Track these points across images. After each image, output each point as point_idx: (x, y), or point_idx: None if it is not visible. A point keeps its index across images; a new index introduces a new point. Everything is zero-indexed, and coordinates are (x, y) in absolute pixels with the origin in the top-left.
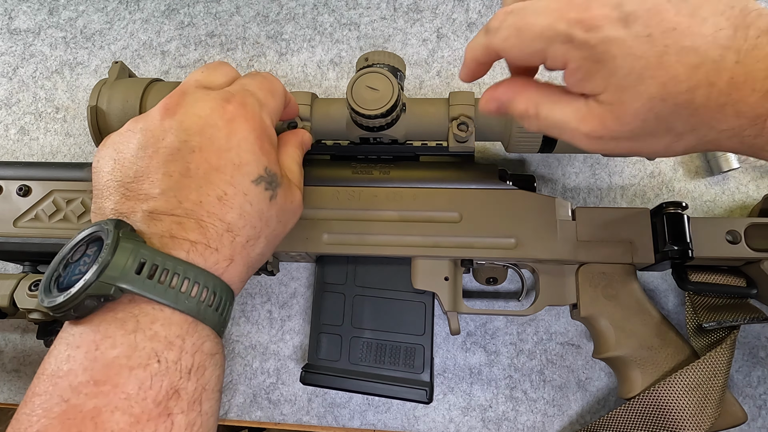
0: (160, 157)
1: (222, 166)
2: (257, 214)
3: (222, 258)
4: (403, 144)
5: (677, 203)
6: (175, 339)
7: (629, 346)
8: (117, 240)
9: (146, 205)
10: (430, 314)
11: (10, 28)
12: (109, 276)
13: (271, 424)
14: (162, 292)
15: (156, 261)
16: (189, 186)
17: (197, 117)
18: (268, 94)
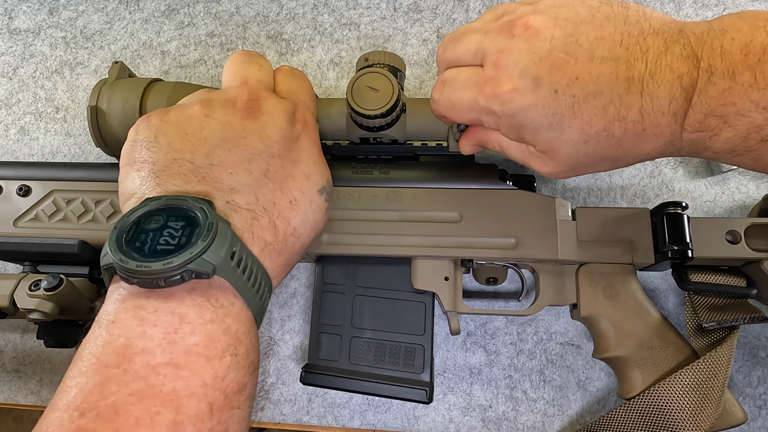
0: (241, 153)
1: (295, 174)
2: (315, 223)
3: (281, 262)
4: (403, 144)
5: (677, 203)
6: (243, 336)
7: (629, 346)
8: (217, 224)
9: (225, 194)
10: (430, 314)
11: (10, 28)
12: (213, 258)
13: (271, 424)
14: (242, 285)
15: (243, 253)
16: (267, 186)
17: (277, 127)
18: (312, 102)
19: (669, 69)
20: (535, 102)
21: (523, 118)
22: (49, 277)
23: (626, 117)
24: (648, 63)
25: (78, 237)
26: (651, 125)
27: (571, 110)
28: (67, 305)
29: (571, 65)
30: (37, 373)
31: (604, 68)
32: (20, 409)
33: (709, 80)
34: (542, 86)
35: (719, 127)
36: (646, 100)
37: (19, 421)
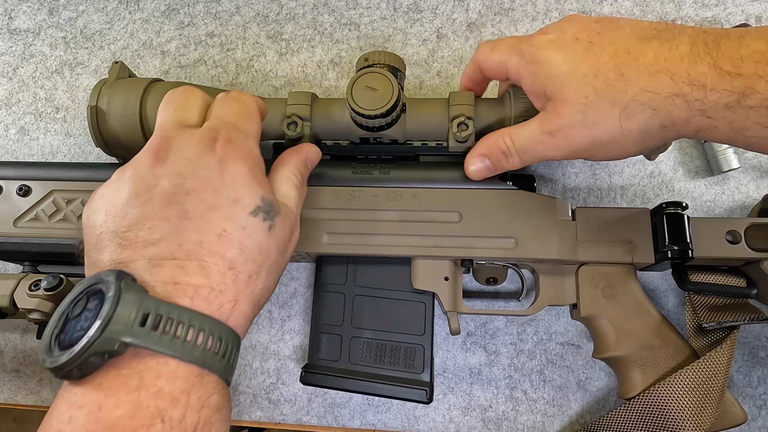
0: (155, 203)
1: (218, 203)
2: (257, 247)
3: (226, 300)
4: (403, 144)
5: (677, 203)
6: (181, 394)
7: (629, 346)
8: (119, 292)
9: (146, 252)
10: (430, 314)
11: (10, 28)
12: (113, 330)
13: (271, 424)
14: (167, 343)
15: (160, 311)
16: (188, 228)
17: (188, 160)
18: (246, 119)
19: (693, 30)
20: (556, 41)
21: (543, 54)
22: (49, 277)
23: (638, 58)
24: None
25: (78, 237)
26: (666, 67)
27: (585, 50)
28: None
29: (597, 28)
30: (37, 373)
31: (626, 31)
32: (20, 409)
33: (741, 42)
34: (566, 34)
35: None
36: (662, 47)
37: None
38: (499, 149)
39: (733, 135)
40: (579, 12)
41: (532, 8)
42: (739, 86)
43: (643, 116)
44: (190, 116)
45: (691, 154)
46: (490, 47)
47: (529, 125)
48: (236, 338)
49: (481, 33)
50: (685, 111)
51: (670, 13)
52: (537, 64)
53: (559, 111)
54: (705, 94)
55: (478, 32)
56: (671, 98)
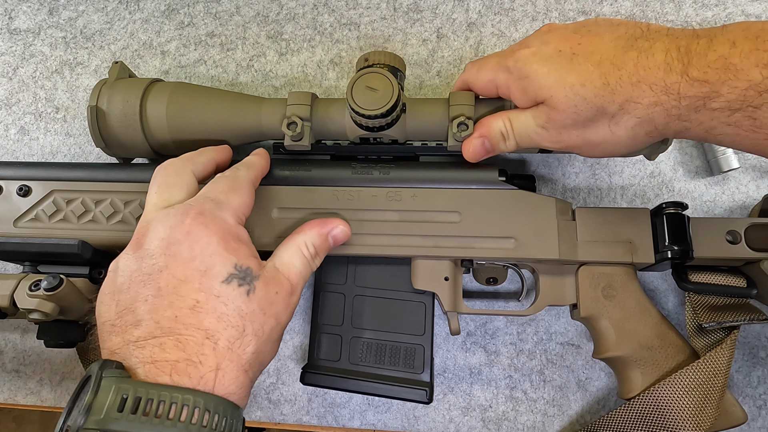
0: (135, 286)
1: (189, 276)
2: (236, 312)
3: (207, 370)
4: (403, 144)
5: (677, 203)
6: None
7: (629, 347)
8: (99, 380)
9: (131, 336)
10: (430, 314)
11: (10, 28)
12: (95, 420)
13: (271, 424)
14: (147, 425)
15: (138, 392)
16: (162, 305)
17: (159, 239)
18: (229, 192)
19: (668, 37)
20: (540, 53)
21: (529, 69)
22: (49, 277)
23: (621, 68)
24: (648, 38)
25: (78, 237)
26: (645, 76)
27: (570, 61)
28: (67, 305)
29: (577, 38)
30: (37, 373)
31: (606, 39)
32: (20, 409)
33: (710, 46)
34: (549, 46)
35: (719, 81)
36: (641, 57)
37: (19, 422)
38: (498, 131)
39: (704, 134)
40: (579, 12)
41: (532, 8)
42: (705, 91)
43: (629, 123)
44: (173, 196)
45: (691, 154)
46: (476, 68)
47: (525, 114)
48: (228, 406)
49: (481, 33)
50: (665, 117)
51: (670, 13)
52: (525, 79)
53: (551, 114)
54: (679, 101)
55: (478, 32)
56: (652, 106)
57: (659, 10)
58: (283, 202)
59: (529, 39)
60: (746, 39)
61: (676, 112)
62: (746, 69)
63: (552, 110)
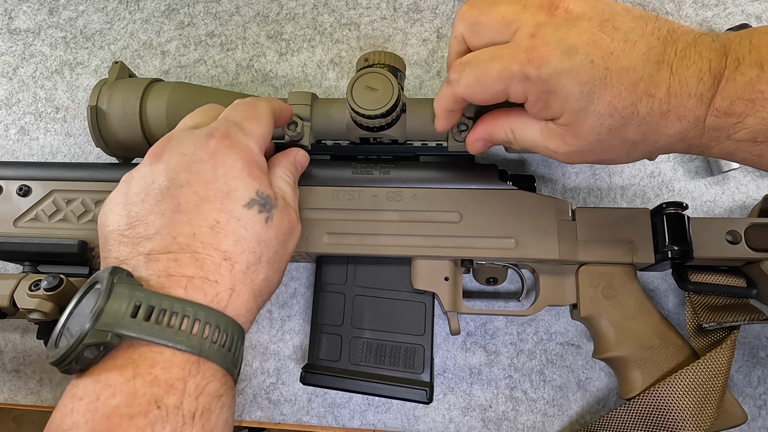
0: (151, 199)
1: (211, 196)
2: (254, 238)
3: (222, 289)
4: (403, 144)
5: (677, 203)
6: (176, 382)
7: (629, 347)
8: (111, 286)
9: (143, 248)
10: (430, 314)
11: (10, 28)
12: (105, 323)
13: (271, 424)
14: (159, 333)
15: (152, 302)
16: (181, 221)
17: (182, 155)
18: (252, 121)
19: (698, 55)
20: (571, 68)
21: (556, 84)
22: (49, 277)
23: (654, 95)
24: (677, 51)
25: (78, 237)
26: (676, 106)
27: (603, 81)
28: (67, 305)
29: (607, 42)
30: (37, 373)
31: (638, 49)
32: (20, 409)
33: (737, 69)
34: (578, 54)
35: (745, 113)
36: (674, 80)
37: (19, 422)
38: (501, 139)
39: (723, 156)
40: None
41: None
42: (731, 123)
43: (648, 150)
44: (202, 121)
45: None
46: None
47: (533, 130)
48: (236, 327)
49: None
50: (685, 145)
51: (670, 13)
52: (551, 94)
53: (568, 140)
54: (703, 133)
55: None
56: (674, 136)
57: (659, 10)
58: None
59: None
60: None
61: (697, 142)
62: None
63: (572, 136)
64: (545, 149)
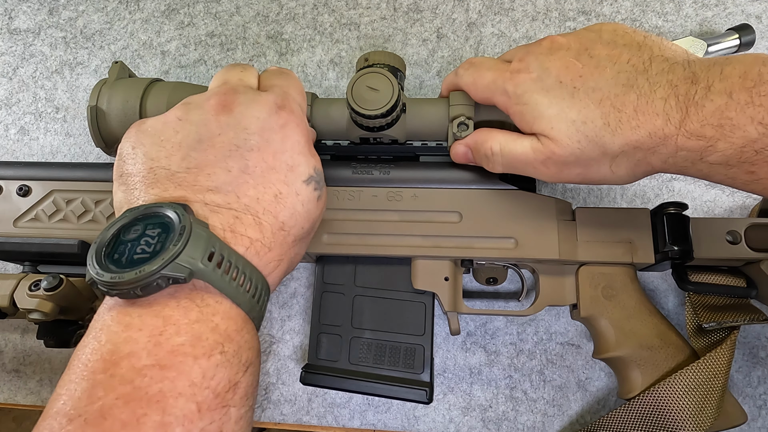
0: (217, 151)
1: (278, 166)
2: (306, 214)
3: (273, 258)
4: (403, 144)
5: (677, 203)
6: (234, 333)
7: (629, 347)
8: (191, 226)
9: (204, 197)
10: (430, 314)
11: (10, 28)
12: (186, 259)
13: (271, 424)
14: (227, 284)
15: (223, 252)
16: (247, 182)
17: (255, 118)
18: (301, 95)
19: (667, 82)
20: (542, 86)
21: (529, 98)
22: (49, 277)
23: (621, 111)
24: (648, 78)
25: (78, 237)
26: (645, 122)
27: (571, 96)
28: (67, 305)
29: (579, 68)
30: (37, 373)
31: (606, 73)
32: (20, 409)
33: (707, 96)
34: (550, 76)
35: (715, 137)
36: (641, 101)
37: (19, 421)
38: (483, 152)
39: (701, 177)
40: (579, 12)
41: (532, 8)
42: (702, 146)
43: (629, 165)
44: (251, 81)
45: None
46: (471, 78)
47: (523, 144)
48: (269, 292)
49: (481, 33)
50: (661, 162)
51: (670, 13)
52: (524, 106)
53: (553, 150)
54: (676, 151)
55: (478, 32)
56: (650, 152)
57: (659, 10)
58: None
59: (528, 58)
60: (742, 90)
61: (673, 161)
62: (742, 125)
63: (555, 145)
64: (532, 162)
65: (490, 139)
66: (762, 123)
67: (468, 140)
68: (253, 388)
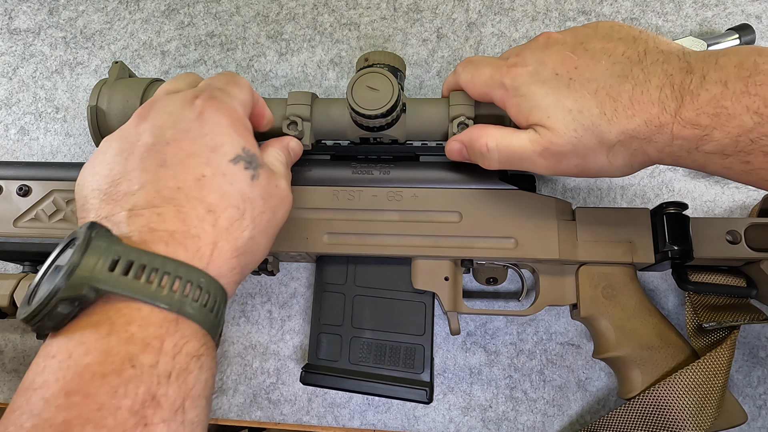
0: (136, 156)
1: (197, 150)
2: (239, 194)
3: (204, 244)
4: (403, 144)
5: (677, 203)
6: (153, 340)
7: (629, 346)
8: (88, 240)
9: (126, 203)
10: (430, 314)
11: (10, 28)
12: (81, 276)
13: (271, 424)
14: (137, 288)
15: (131, 257)
16: (166, 175)
17: (168, 114)
18: (234, 87)
19: (663, 72)
20: (538, 78)
21: (526, 90)
22: None
23: (617, 100)
24: (644, 68)
25: None
26: (640, 111)
27: (567, 86)
28: None
29: (574, 60)
30: None
31: (601, 65)
32: None
33: (702, 85)
34: (546, 68)
35: (711, 126)
36: (636, 91)
37: None
38: (478, 149)
39: (697, 167)
40: (579, 12)
41: (532, 8)
42: (698, 134)
43: (626, 154)
44: (181, 87)
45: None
46: (469, 75)
47: (520, 138)
48: (218, 287)
49: (481, 33)
50: (658, 151)
51: (670, 13)
52: (521, 98)
53: (551, 139)
54: (672, 140)
55: (478, 32)
56: (646, 141)
57: (659, 10)
58: None
59: (525, 53)
60: (738, 79)
61: (670, 150)
62: (737, 114)
63: (552, 134)
64: (530, 154)
65: (484, 136)
66: (757, 112)
67: (462, 137)
68: (189, 398)
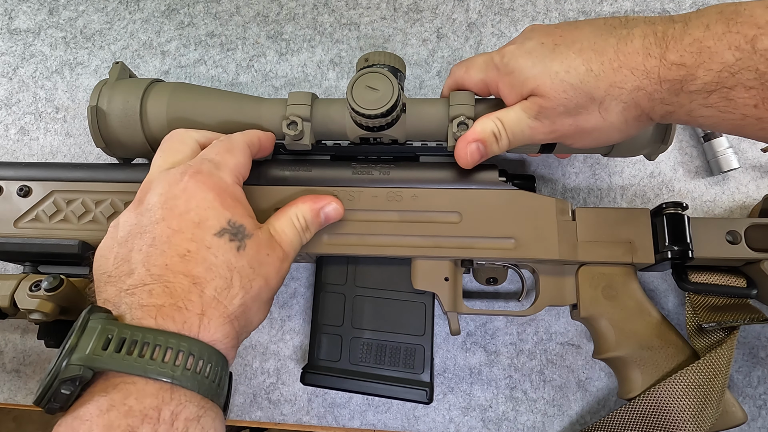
0: (132, 240)
1: (182, 227)
2: (225, 264)
3: (192, 314)
4: (403, 144)
5: (677, 203)
6: (150, 411)
7: (629, 347)
8: (85, 323)
9: (124, 284)
10: (430, 314)
11: (10, 28)
12: (78, 358)
13: (271, 424)
14: (130, 364)
15: (123, 334)
16: (155, 253)
17: (158, 195)
18: (225, 153)
19: (645, 23)
20: (524, 49)
21: (515, 64)
22: (49, 277)
23: (603, 54)
24: (627, 25)
25: (78, 237)
26: (626, 62)
27: (552, 51)
28: (67, 305)
29: (558, 32)
30: (37, 373)
31: (585, 31)
32: (20, 409)
33: (685, 30)
34: (531, 40)
35: (695, 65)
36: (621, 44)
37: (19, 422)
38: (491, 132)
39: (687, 117)
40: (579, 12)
41: (532, 8)
42: (683, 74)
43: (617, 108)
44: (176, 159)
45: (691, 154)
46: (464, 69)
47: (514, 110)
48: (212, 352)
49: (481, 33)
50: (649, 101)
51: (670, 13)
52: (512, 75)
53: (541, 104)
54: (660, 85)
55: (478, 32)
56: (635, 91)
57: (659, 9)
58: (283, 202)
59: (514, 39)
60: (719, 22)
61: (659, 96)
62: (720, 51)
63: (542, 99)
64: (528, 121)
65: (487, 121)
66: (738, 48)
67: (474, 135)
68: None
